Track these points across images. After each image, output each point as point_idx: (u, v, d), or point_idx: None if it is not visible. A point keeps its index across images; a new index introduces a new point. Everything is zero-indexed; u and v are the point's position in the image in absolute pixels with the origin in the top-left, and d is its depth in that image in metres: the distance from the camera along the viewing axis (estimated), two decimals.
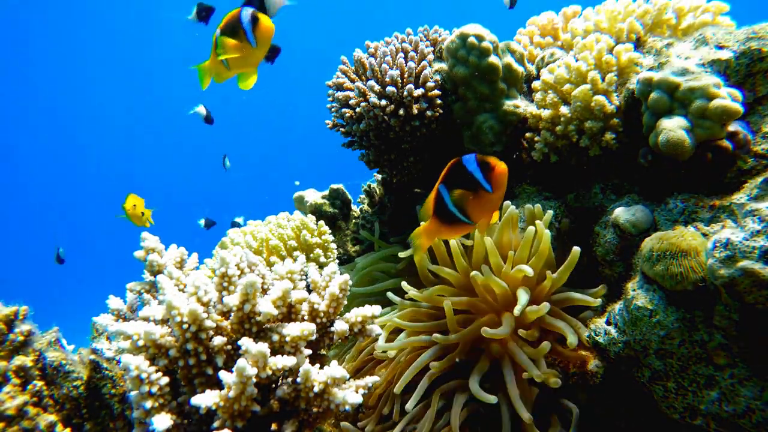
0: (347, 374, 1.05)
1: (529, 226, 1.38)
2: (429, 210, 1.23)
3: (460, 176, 1.16)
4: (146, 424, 1.01)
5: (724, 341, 1.01)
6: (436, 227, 1.25)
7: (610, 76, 1.46)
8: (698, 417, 1.05)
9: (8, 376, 1.12)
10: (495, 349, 1.33)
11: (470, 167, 1.13)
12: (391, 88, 1.73)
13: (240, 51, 1.34)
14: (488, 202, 1.16)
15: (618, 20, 1.60)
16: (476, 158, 1.13)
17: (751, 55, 1.29)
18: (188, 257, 1.41)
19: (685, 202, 1.25)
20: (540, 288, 1.36)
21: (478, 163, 1.13)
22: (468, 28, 1.73)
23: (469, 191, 1.15)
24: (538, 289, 1.36)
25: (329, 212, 2.39)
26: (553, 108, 1.57)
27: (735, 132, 1.22)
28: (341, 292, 1.19)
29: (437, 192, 1.20)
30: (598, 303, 1.30)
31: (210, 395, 0.95)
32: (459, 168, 1.16)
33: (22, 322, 1.21)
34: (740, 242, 0.93)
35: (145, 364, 0.98)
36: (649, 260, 1.10)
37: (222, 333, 1.08)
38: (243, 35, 1.32)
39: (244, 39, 1.32)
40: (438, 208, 1.21)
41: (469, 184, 1.14)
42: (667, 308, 1.07)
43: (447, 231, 1.26)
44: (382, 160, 1.95)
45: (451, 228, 1.24)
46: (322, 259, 1.91)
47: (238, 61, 1.39)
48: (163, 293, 1.10)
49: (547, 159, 1.64)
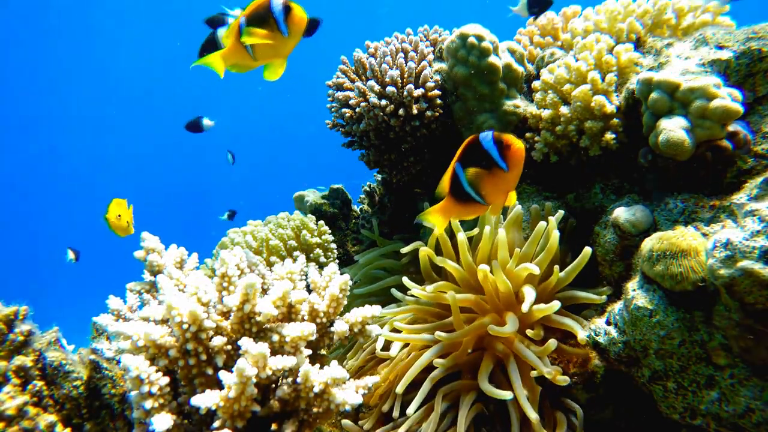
0: (347, 374, 1.05)
1: (540, 221, 1.39)
2: (444, 189, 1.20)
3: (476, 154, 1.12)
4: (146, 424, 1.01)
5: (723, 341, 1.01)
6: (450, 206, 1.22)
7: (610, 76, 1.46)
8: (698, 417, 1.05)
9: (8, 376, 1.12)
10: (499, 348, 1.32)
11: (486, 145, 1.09)
12: (391, 88, 1.73)
13: (271, 41, 1.30)
14: (503, 182, 1.12)
15: (618, 20, 1.60)
16: (493, 135, 1.10)
17: (751, 55, 1.28)
18: (188, 257, 1.41)
19: (685, 202, 1.25)
20: (544, 285, 1.36)
21: (495, 141, 1.09)
22: (468, 28, 1.73)
23: (484, 169, 1.12)
24: (542, 287, 1.36)
25: (329, 212, 2.39)
26: (553, 108, 1.57)
27: (735, 132, 1.22)
28: (341, 293, 1.19)
29: (453, 170, 1.17)
30: (603, 300, 1.31)
31: (210, 395, 0.95)
32: (475, 146, 1.12)
33: (22, 322, 1.21)
34: (740, 242, 0.92)
35: (145, 364, 0.98)
36: (649, 260, 1.10)
37: (222, 333, 1.08)
38: (274, 25, 1.28)
39: (275, 29, 1.28)
40: (453, 187, 1.18)
41: (484, 162, 1.11)
42: (667, 308, 1.07)
43: (461, 211, 1.23)
44: (382, 160, 1.95)
45: (465, 208, 1.21)
46: (322, 259, 1.91)
47: (268, 51, 1.34)
48: (163, 293, 1.10)
49: (547, 159, 1.64)
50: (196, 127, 4.09)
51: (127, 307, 1.34)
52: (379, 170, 2.17)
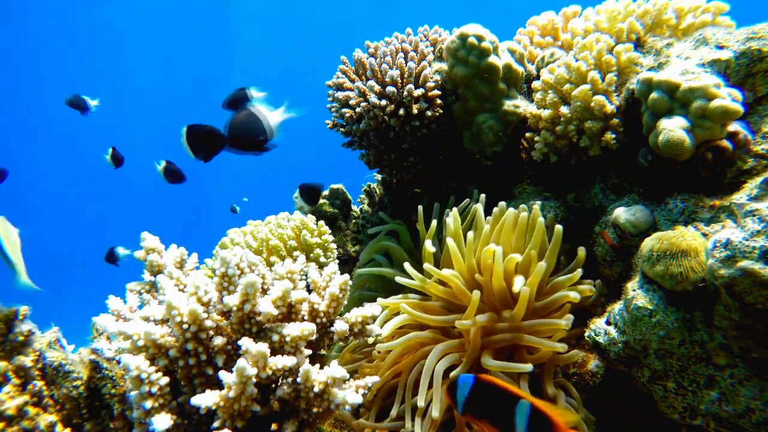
0: (347, 374, 1.05)
1: (522, 213, 1.39)
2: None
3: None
4: (146, 424, 1.01)
5: (723, 341, 1.01)
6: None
7: (610, 76, 1.46)
8: (698, 417, 1.05)
9: (8, 376, 1.12)
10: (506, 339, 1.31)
11: (518, 418, 0.86)
12: (391, 88, 1.73)
13: None
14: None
15: (618, 20, 1.60)
16: (531, 407, 0.86)
17: (751, 55, 1.29)
18: (188, 257, 1.41)
19: (685, 202, 1.25)
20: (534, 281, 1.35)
21: (530, 416, 0.85)
22: (468, 28, 1.73)
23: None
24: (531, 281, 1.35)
25: (329, 212, 2.39)
26: (553, 108, 1.57)
27: (735, 132, 1.22)
28: (341, 292, 1.19)
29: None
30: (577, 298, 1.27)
31: (210, 395, 0.95)
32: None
33: (22, 322, 1.21)
34: (740, 242, 0.93)
35: (145, 364, 0.98)
36: (649, 260, 1.10)
37: (222, 333, 1.08)
38: None
39: None
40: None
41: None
42: (667, 308, 1.07)
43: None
44: (382, 160, 1.95)
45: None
46: (322, 259, 1.91)
47: None
48: (163, 293, 1.10)
49: (547, 159, 1.64)
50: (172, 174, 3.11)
51: (127, 307, 1.34)
52: (379, 170, 2.17)
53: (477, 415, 0.92)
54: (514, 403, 0.86)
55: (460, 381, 0.93)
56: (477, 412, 0.92)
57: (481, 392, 0.91)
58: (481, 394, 0.91)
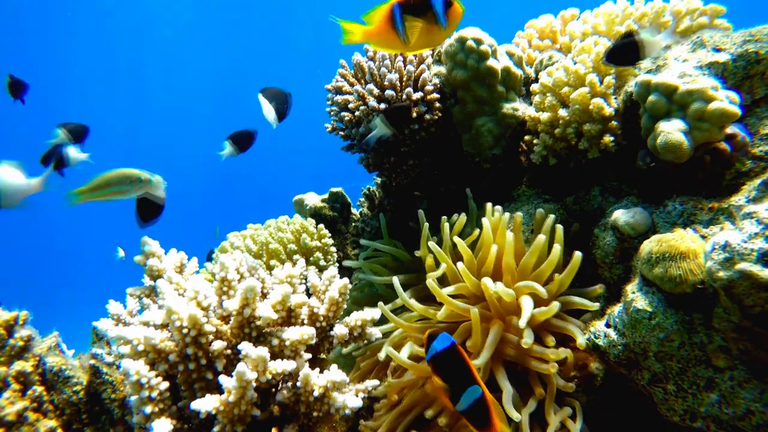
0: (347, 378, 1.05)
1: (539, 235, 1.36)
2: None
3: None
4: (146, 429, 1.01)
5: (723, 343, 1.01)
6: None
7: (609, 79, 1.46)
8: (698, 419, 1.05)
9: (8, 382, 1.12)
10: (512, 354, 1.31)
11: (465, 396, 0.98)
12: (390, 91, 1.73)
13: (428, 32, 1.38)
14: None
15: (616, 23, 1.61)
16: (481, 396, 0.99)
17: (748, 58, 1.29)
18: (188, 261, 1.41)
19: (684, 205, 1.25)
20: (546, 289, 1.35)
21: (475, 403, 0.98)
22: (466, 32, 1.74)
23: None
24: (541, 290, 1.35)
25: (329, 215, 2.39)
26: (552, 111, 1.57)
27: (733, 134, 1.22)
28: (341, 296, 1.19)
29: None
30: (596, 307, 1.29)
31: (210, 400, 0.96)
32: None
33: (22, 327, 1.21)
34: (738, 244, 0.93)
35: (145, 368, 0.98)
36: (648, 263, 1.10)
37: (222, 337, 1.08)
38: (432, 17, 1.36)
39: (433, 21, 1.36)
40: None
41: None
42: (666, 311, 1.07)
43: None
44: (382, 164, 1.95)
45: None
46: (322, 263, 1.91)
47: (422, 40, 1.42)
48: (162, 298, 1.10)
49: (545, 161, 1.64)
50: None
51: (127, 311, 1.34)
52: (378, 173, 2.17)
53: (437, 370, 1.00)
54: (469, 384, 0.96)
55: (442, 336, 1.00)
56: (437, 368, 1.00)
57: (452, 358, 0.98)
58: (450, 358, 0.98)
